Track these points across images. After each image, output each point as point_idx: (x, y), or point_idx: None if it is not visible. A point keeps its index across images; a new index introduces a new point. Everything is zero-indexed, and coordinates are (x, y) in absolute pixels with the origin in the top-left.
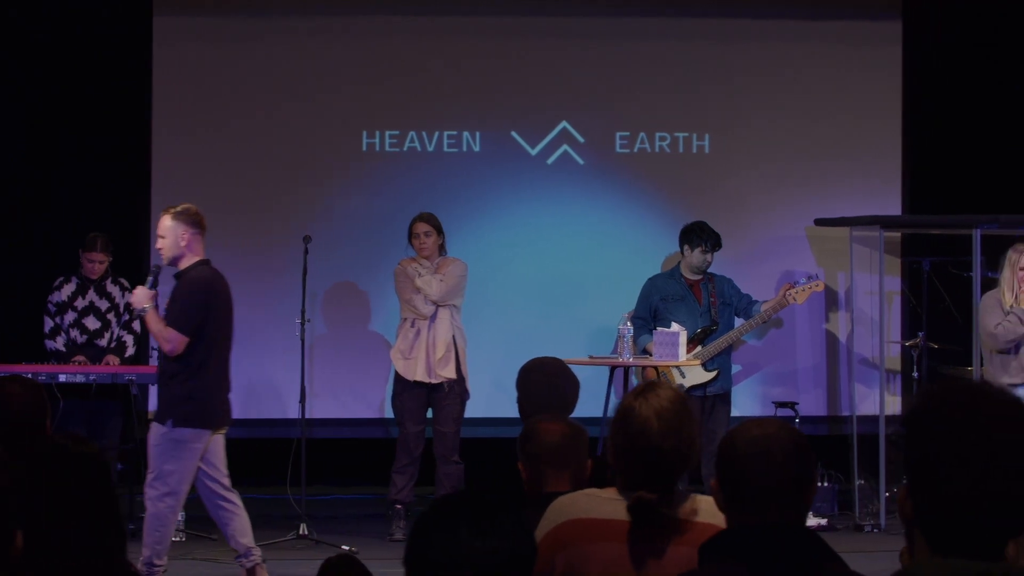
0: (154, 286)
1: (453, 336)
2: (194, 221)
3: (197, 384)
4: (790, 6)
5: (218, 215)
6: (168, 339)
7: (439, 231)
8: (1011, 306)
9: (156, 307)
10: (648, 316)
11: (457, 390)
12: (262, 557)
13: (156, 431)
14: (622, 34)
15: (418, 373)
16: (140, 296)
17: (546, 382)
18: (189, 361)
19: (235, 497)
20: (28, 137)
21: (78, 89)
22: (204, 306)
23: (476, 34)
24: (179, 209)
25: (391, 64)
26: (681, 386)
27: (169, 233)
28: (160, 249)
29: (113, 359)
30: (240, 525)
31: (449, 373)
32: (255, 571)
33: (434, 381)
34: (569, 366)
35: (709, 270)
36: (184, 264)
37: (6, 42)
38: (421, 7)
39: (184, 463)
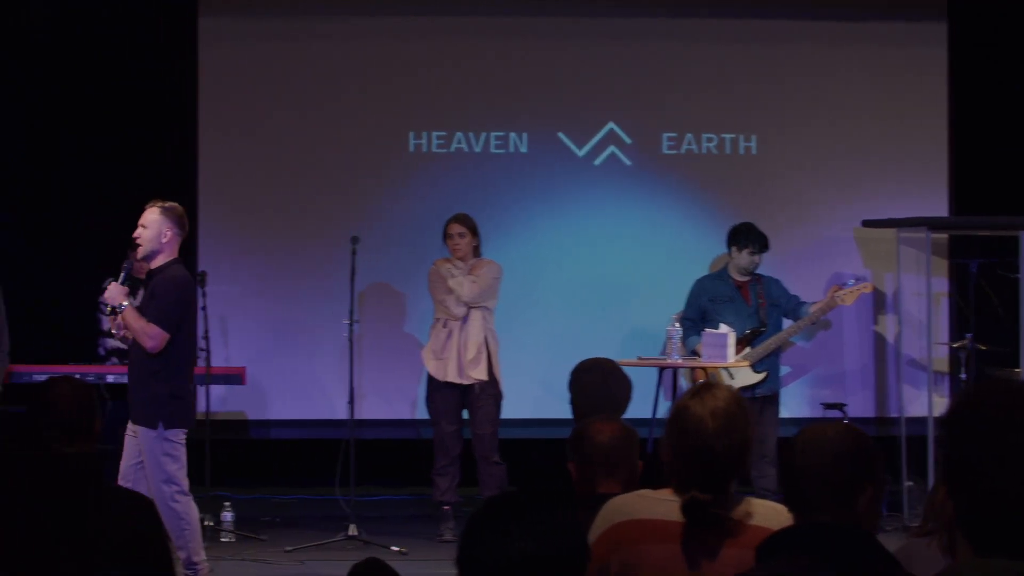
0: (126, 282)
1: (485, 338)
2: (180, 221)
3: (180, 383)
4: (836, 8)
5: (265, 216)
6: (151, 335)
7: (474, 232)
8: None
9: (131, 303)
10: (697, 317)
11: (490, 391)
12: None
13: (147, 436)
14: (669, 35)
15: (449, 374)
16: (114, 293)
17: (599, 383)
18: (169, 359)
19: None
20: (74, 139)
21: (127, 90)
22: (184, 304)
23: (524, 35)
24: (167, 205)
25: (438, 65)
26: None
27: (153, 226)
28: (138, 239)
29: None
30: None
31: (480, 375)
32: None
33: (465, 382)
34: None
35: (757, 271)
36: (159, 261)
37: (51, 42)
38: (469, 8)
39: (182, 459)
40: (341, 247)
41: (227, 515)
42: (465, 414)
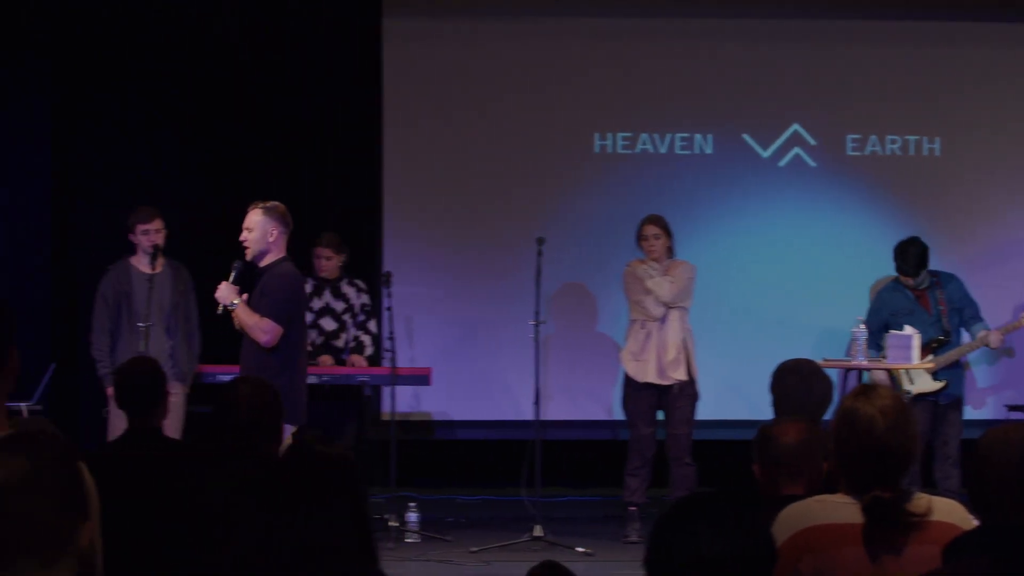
0: (237, 281)
1: (683, 338)
2: (283, 219)
3: (291, 378)
4: (1021, 9)
5: (450, 216)
6: (265, 330)
7: (668, 233)
8: None
9: (243, 301)
10: (876, 330)
11: (688, 391)
12: None
13: None
14: (853, 37)
15: (649, 375)
16: (225, 292)
17: (801, 384)
18: (280, 354)
19: None
20: (259, 141)
21: (312, 92)
22: (295, 300)
23: (708, 37)
24: (269, 205)
25: (623, 66)
26: (908, 392)
27: (258, 228)
28: (245, 242)
29: (359, 360)
30: None
31: (680, 375)
32: None
33: (665, 383)
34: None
35: (936, 268)
36: (268, 260)
37: (238, 44)
38: (655, 10)
39: None
40: (526, 247)
41: (412, 516)
42: (660, 415)
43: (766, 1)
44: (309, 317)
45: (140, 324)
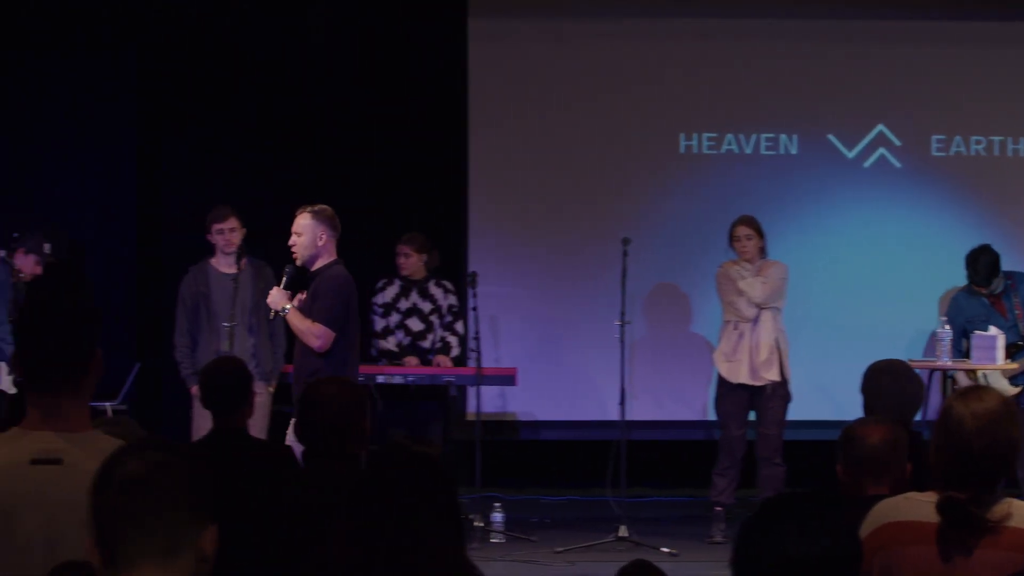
0: (288, 287)
1: (776, 338)
2: (332, 222)
3: None
4: None
5: (535, 216)
6: (317, 335)
7: (760, 234)
8: None
9: (295, 306)
10: (954, 338)
11: (780, 392)
12: None
13: None
14: (939, 37)
15: (742, 375)
16: (276, 297)
17: (894, 384)
18: (332, 357)
19: None
20: (343, 141)
21: (398, 92)
22: (346, 303)
23: (793, 37)
24: (317, 209)
25: (708, 66)
26: None
27: (307, 232)
28: (294, 247)
29: (444, 360)
30: None
31: (773, 375)
32: None
33: (757, 384)
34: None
35: (1012, 269)
36: (319, 264)
37: (325, 45)
38: (739, 11)
39: None
40: (611, 247)
41: (497, 516)
42: (751, 415)
43: (851, 2)
44: (396, 318)
45: (224, 324)
